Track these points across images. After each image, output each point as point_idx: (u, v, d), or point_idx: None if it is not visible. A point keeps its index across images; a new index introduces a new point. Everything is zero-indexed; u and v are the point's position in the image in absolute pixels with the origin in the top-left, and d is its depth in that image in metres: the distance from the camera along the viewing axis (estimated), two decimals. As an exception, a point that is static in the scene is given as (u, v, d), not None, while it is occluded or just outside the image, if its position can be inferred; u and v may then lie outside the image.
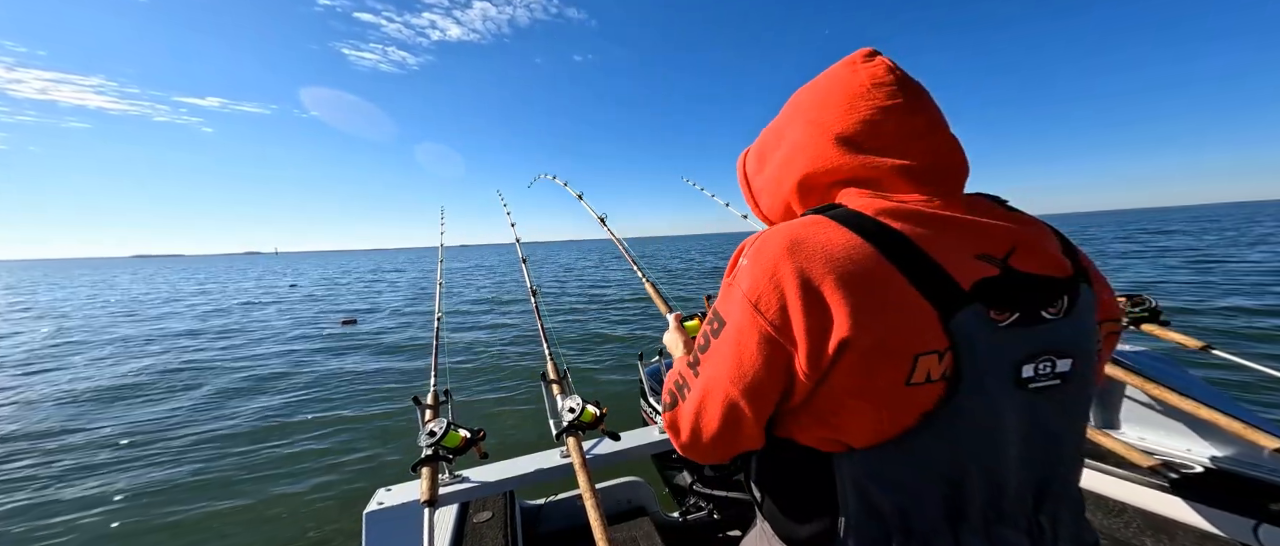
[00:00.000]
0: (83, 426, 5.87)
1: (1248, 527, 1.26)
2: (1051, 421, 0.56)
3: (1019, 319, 0.52)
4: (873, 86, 0.59)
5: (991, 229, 0.55)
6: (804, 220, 0.55)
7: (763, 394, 0.55)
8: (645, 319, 12.17)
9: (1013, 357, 0.52)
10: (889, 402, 0.51)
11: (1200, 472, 1.39)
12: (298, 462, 4.71)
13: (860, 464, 0.55)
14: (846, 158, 0.60)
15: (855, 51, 0.64)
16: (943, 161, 0.59)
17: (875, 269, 0.50)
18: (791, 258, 0.51)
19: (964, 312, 0.50)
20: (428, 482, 1.14)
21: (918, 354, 0.49)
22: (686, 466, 2.11)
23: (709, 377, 0.58)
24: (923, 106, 0.60)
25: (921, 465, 0.54)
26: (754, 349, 0.53)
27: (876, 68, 0.60)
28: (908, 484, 0.54)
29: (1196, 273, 13.08)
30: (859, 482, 0.55)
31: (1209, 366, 4.58)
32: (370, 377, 7.65)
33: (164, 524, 3.78)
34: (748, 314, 0.53)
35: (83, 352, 10.35)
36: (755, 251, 0.55)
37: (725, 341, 0.56)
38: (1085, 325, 0.57)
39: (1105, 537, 1.46)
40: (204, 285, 31.39)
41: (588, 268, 33.56)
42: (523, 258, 2.20)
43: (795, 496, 0.63)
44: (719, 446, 0.61)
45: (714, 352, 0.58)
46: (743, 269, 0.55)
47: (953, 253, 0.52)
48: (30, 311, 18.58)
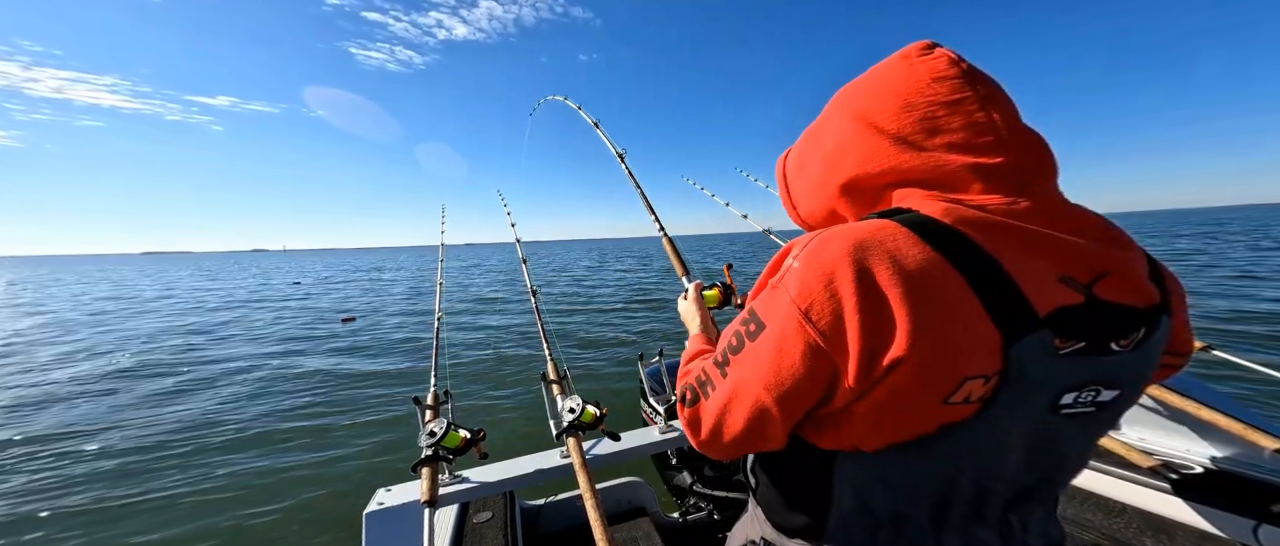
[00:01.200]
0: (82, 425, 5.87)
1: (1248, 528, 1.26)
2: (1066, 442, 0.55)
3: (1083, 348, 0.48)
4: (934, 80, 0.54)
5: (1082, 249, 0.49)
6: (869, 224, 0.50)
7: (797, 403, 0.52)
8: (645, 319, 12.17)
9: (1060, 387, 0.49)
10: (916, 416, 0.49)
11: (1200, 473, 1.39)
12: (298, 462, 4.71)
13: (863, 465, 0.55)
14: (905, 156, 0.54)
15: (910, 44, 0.58)
16: (1025, 160, 0.52)
17: (947, 286, 0.45)
18: (853, 265, 0.46)
19: (1029, 339, 0.46)
20: (428, 483, 1.14)
21: (966, 377, 0.46)
22: (686, 466, 2.11)
23: (740, 380, 0.55)
24: (996, 99, 0.53)
25: (924, 471, 0.53)
26: (796, 358, 0.50)
27: (937, 61, 0.55)
28: (906, 486, 0.54)
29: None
30: (858, 482, 0.56)
31: (1209, 367, 4.58)
32: (370, 377, 7.65)
33: (163, 523, 3.78)
34: (794, 320, 0.49)
35: (81, 349, 10.34)
36: (809, 254, 0.50)
37: (764, 346, 0.52)
38: (1150, 359, 0.53)
39: (1105, 537, 1.46)
40: (208, 284, 31.37)
41: (588, 267, 33.55)
42: (523, 257, 2.20)
43: (791, 487, 0.64)
44: (740, 447, 0.59)
45: (749, 355, 0.54)
46: (793, 272, 0.51)
47: (1035, 273, 0.48)
48: (45, 308, 18.59)
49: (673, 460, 2.12)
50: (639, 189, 1.75)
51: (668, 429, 1.49)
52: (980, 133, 0.52)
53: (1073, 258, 0.49)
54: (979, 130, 0.52)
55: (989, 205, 0.49)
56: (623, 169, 1.83)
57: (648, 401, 1.83)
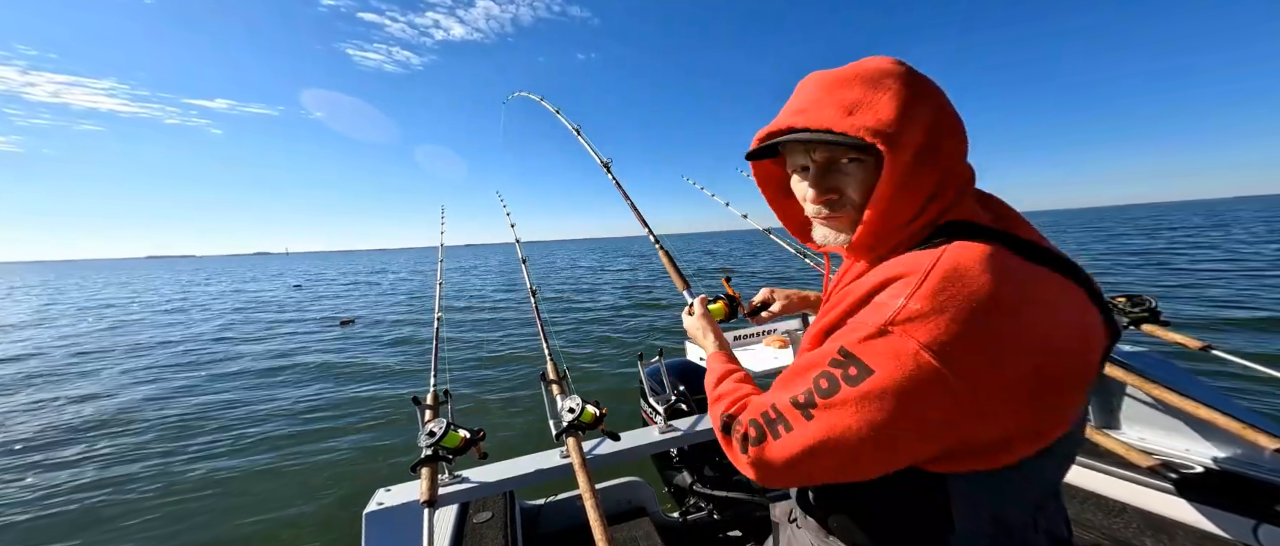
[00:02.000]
0: (80, 425, 5.87)
1: (1248, 527, 1.26)
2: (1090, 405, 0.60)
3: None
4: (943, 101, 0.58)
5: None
6: (983, 252, 0.47)
7: (917, 447, 0.50)
8: (645, 319, 12.17)
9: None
10: (1050, 430, 0.50)
11: (1200, 473, 1.39)
12: (297, 463, 4.71)
13: (990, 482, 0.53)
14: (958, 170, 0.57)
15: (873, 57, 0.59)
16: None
17: (1081, 302, 0.48)
18: (1002, 304, 0.45)
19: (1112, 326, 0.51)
20: (427, 483, 1.14)
21: (1088, 385, 0.50)
22: (686, 466, 2.11)
23: (836, 425, 0.50)
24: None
25: (1039, 477, 0.55)
26: (931, 407, 0.46)
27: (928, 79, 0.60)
28: (1021, 493, 0.55)
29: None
30: (979, 500, 0.54)
31: (1209, 366, 4.58)
32: (369, 378, 7.65)
33: (162, 524, 3.78)
34: (928, 369, 0.45)
35: (96, 358, 10.34)
36: (936, 293, 0.46)
37: (875, 394, 0.47)
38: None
39: (1106, 537, 1.46)
40: (208, 285, 31.37)
41: (588, 268, 33.57)
42: (522, 258, 2.20)
43: (886, 513, 0.60)
44: (813, 483, 0.58)
45: (850, 403, 0.49)
46: (914, 314, 0.46)
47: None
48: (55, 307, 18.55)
49: (674, 460, 2.12)
50: (628, 200, 1.64)
51: (668, 429, 1.49)
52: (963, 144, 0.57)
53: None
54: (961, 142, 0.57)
55: (1014, 216, 0.55)
56: (609, 179, 1.72)
57: (648, 401, 1.83)
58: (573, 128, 1.98)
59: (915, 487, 0.55)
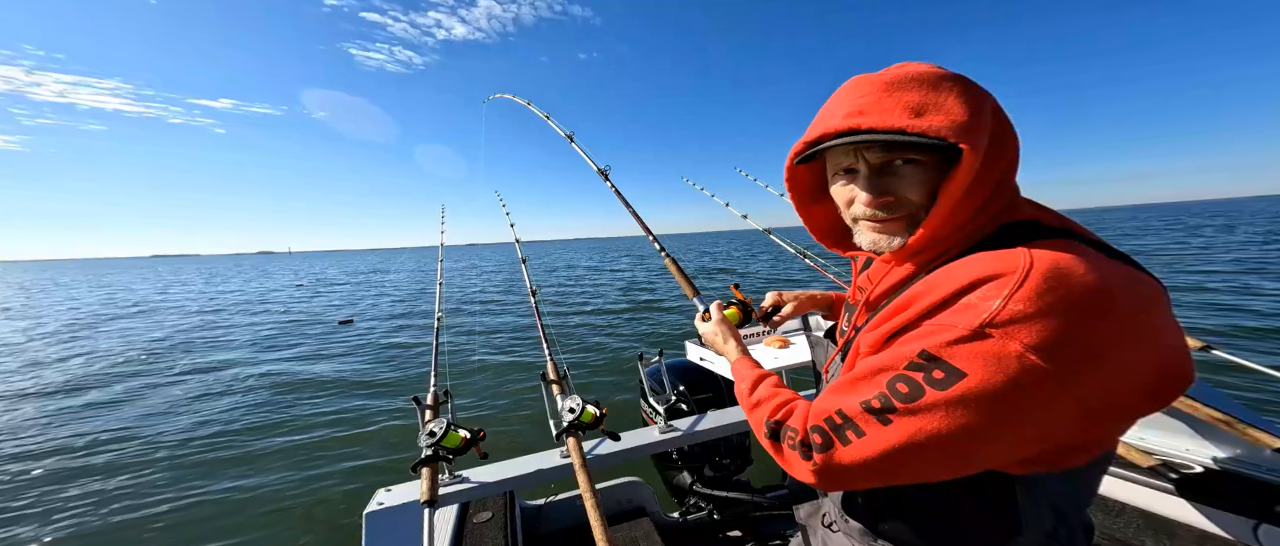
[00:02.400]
0: (80, 425, 5.87)
1: (1248, 527, 1.26)
2: None
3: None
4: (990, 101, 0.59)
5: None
6: (1066, 254, 0.47)
7: (1000, 456, 0.49)
8: (645, 319, 12.17)
9: None
10: (1124, 427, 0.52)
11: (1200, 472, 1.39)
12: (297, 463, 4.71)
13: (1057, 483, 0.53)
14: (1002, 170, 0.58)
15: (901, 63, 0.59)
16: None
17: (1159, 295, 0.48)
18: (1100, 302, 0.44)
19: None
20: (428, 483, 1.14)
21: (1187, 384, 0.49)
22: (686, 466, 2.11)
23: (924, 432, 0.48)
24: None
25: (1098, 477, 0.57)
26: (1024, 408, 0.45)
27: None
28: (1083, 488, 0.57)
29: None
30: (1053, 500, 0.54)
31: (1209, 366, 4.58)
32: (370, 378, 7.65)
33: (161, 524, 3.79)
34: (1035, 370, 0.44)
35: (83, 352, 10.36)
36: (1038, 296, 0.45)
37: (968, 398, 0.46)
38: None
39: (1105, 537, 1.46)
40: (212, 288, 31.39)
41: (588, 268, 33.58)
42: (522, 258, 2.21)
43: (948, 516, 0.59)
44: (883, 485, 0.56)
45: (940, 406, 0.47)
46: (1015, 314, 0.45)
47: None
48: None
49: (675, 459, 2.12)
50: (629, 208, 1.56)
51: (668, 429, 1.49)
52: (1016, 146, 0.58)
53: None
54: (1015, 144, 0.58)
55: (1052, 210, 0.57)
56: (608, 185, 1.63)
57: (648, 401, 1.83)
58: (566, 135, 1.87)
59: (985, 489, 0.54)
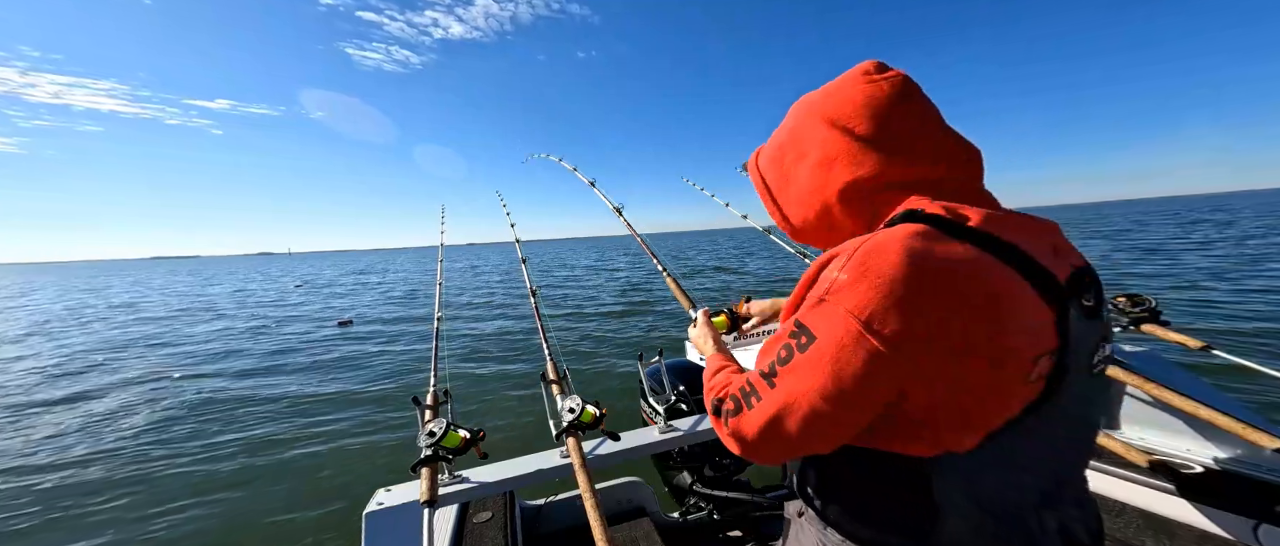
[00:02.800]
0: (78, 425, 5.87)
1: (1248, 527, 1.26)
2: (1097, 401, 0.62)
3: (1090, 308, 0.56)
4: (901, 97, 0.62)
5: (1045, 226, 0.59)
6: (907, 229, 0.52)
7: (859, 410, 0.54)
8: (646, 319, 12.17)
9: (1091, 346, 0.56)
10: (1000, 405, 0.52)
11: (1200, 472, 1.39)
12: (297, 463, 4.72)
13: (966, 465, 0.55)
14: (891, 164, 0.61)
15: (863, 63, 0.65)
16: (977, 165, 0.62)
17: (1000, 278, 0.50)
18: (912, 272, 0.49)
19: (1071, 310, 0.52)
20: (427, 483, 1.13)
21: (1038, 356, 0.50)
22: (686, 467, 2.11)
23: (793, 391, 0.55)
24: (939, 115, 0.63)
25: (1021, 457, 0.56)
26: (858, 366, 0.50)
27: (896, 79, 0.63)
28: (1012, 477, 0.57)
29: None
30: (965, 483, 0.56)
31: (1209, 366, 4.58)
32: (369, 378, 7.66)
33: (161, 525, 3.78)
34: (852, 330, 0.50)
35: (84, 358, 10.35)
36: (859, 265, 0.51)
37: (818, 357, 0.53)
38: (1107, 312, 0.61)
39: (1106, 537, 1.46)
40: (209, 286, 31.37)
41: (588, 268, 33.56)
42: (522, 258, 2.20)
43: (878, 501, 0.62)
44: (787, 454, 0.60)
45: (801, 367, 0.55)
46: (843, 284, 0.52)
47: (1041, 252, 0.54)
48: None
49: (674, 460, 2.12)
50: (639, 238, 1.89)
51: (668, 429, 1.49)
52: (946, 142, 0.61)
53: (1046, 234, 0.58)
54: (944, 140, 0.61)
55: (985, 205, 0.56)
56: (622, 221, 1.97)
57: (648, 401, 1.83)
58: (588, 181, 2.19)
59: (900, 473, 0.58)
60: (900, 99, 0.62)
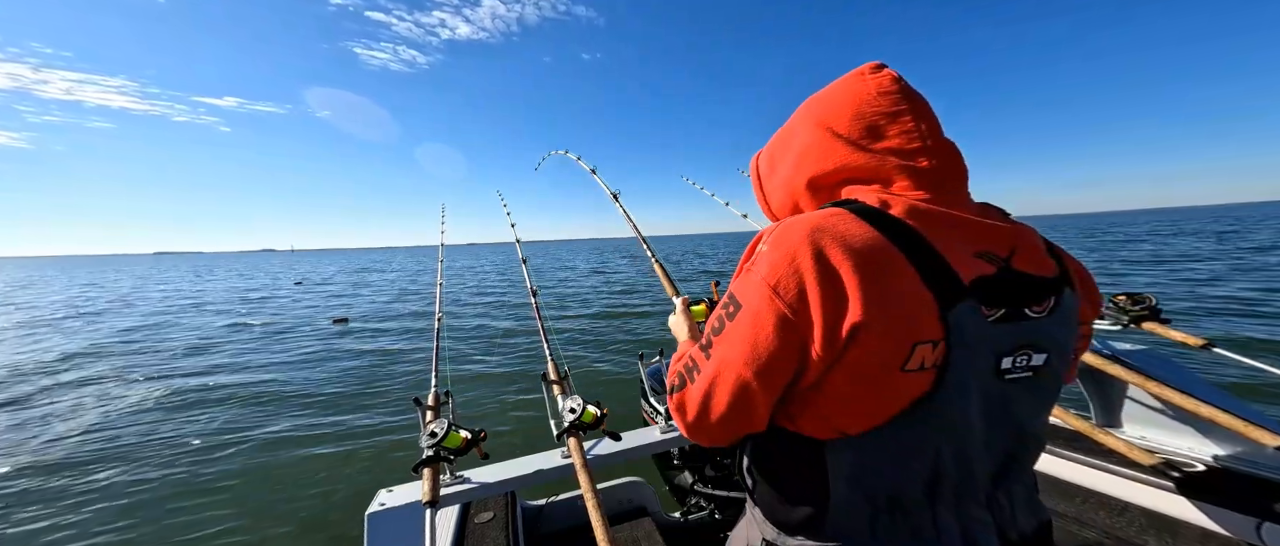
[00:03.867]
0: (74, 425, 5.87)
1: (1250, 525, 1.26)
2: (1019, 410, 0.61)
3: (1005, 314, 0.57)
4: (879, 94, 0.64)
5: (995, 230, 0.60)
6: (823, 212, 0.58)
7: (774, 375, 0.57)
8: (644, 318, 12.17)
9: (996, 350, 0.57)
10: (884, 389, 0.55)
11: (1202, 471, 1.39)
12: (299, 463, 4.72)
13: (853, 449, 0.59)
14: (855, 157, 0.64)
15: (864, 64, 0.69)
16: (945, 165, 0.63)
17: (887, 258, 0.53)
18: (811, 245, 0.53)
19: (960, 306, 0.54)
20: (429, 483, 1.14)
21: (916, 342, 0.52)
22: (688, 466, 2.11)
23: (721, 359, 0.60)
24: (925, 114, 0.65)
25: (908, 449, 0.58)
26: (770, 330, 0.55)
27: (883, 78, 0.65)
28: (895, 467, 0.58)
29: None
30: (850, 467, 0.59)
31: (1210, 364, 4.58)
32: (371, 378, 7.65)
33: (161, 526, 3.79)
34: (765, 297, 0.55)
35: (77, 353, 10.36)
36: (775, 239, 0.57)
37: (740, 324, 0.58)
38: (1067, 324, 0.62)
39: (1108, 536, 1.46)
40: (210, 283, 31.39)
41: (589, 267, 33.55)
42: (523, 258, 2.21)
43: (787, 481, 0.66)
44: (725, 427, 0.62)
45: (728, 335, 0.59)
46: (762, 254, 0.57)
47: (956, 249, 0.56)
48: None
49: (675, 460, 2.12)
50: (632, 223, 1.92)
51: (669, 429, 1.49)
52: (913, 140, 0.62)
53: (987, 237, 0.59)
54: (911, 138, 0.62)
55: (918, 199, 0.59)
56: (618, 209, 2.01)
57: (648, 401, 1.83)
58: (589, 168, 2.25)
59: (804, 453, 0.62)
60: (880, 98, 0.64)
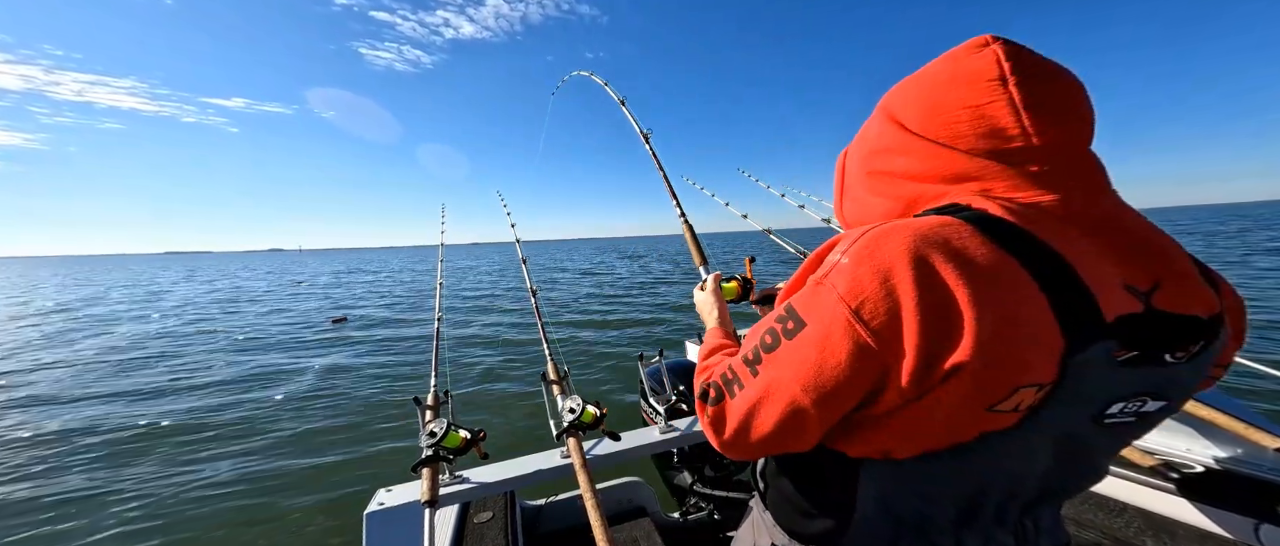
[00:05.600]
0: (71, 426, 5.87)
1: (1249, 527, 1.26)
2: (1099, 452, 0.55)
3: (1136, 357, 0.46)
4: (986, 82, 0.50)
5: (1140, 252, 0.48)
6: (930, 220, 0.47)
7: (837, 406, 0.49)
8: (644, 318, 12.17)
9: (1110, 397, 0.48)
10: (960, 424, 0.47)
11: (1201, 472, 1.39)
12: (298, 463, 4.71)
13: (892, 474, 0.53)
14: (952, 156, 0.53)
15: (969, 40, 0.55)
16: (1081, 159, 0.50)
17: (1017, 288, 0.42)
18: (914, 262, 0.43)
19: (1093, 348, 0.43)
20: (428, 483, 1.14)
21: (1021, 386, 0.43)
22: (687, 467, 2.11)
23: (774, 380, 0.51)
24: (1055, 95, 0.50)
25: (955, 477, 0.52)
26: (842, 359, 0.46)
27: (985, 60, 0.51)
28: (934, 493, 0.53)
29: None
30: (885, 490, 0.54)
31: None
32: (370, 378, 7.65)
33: (160, 526, 3.79)
34: (842, 319, 0.46)
35: (74, 351, 10.36)
36: (862, 249, 0.47)
37: (802, 345, 0.49)
38: (1202, 371, 0.51)
39: (1106, 537, 1.45)
40: (210, 282, 31.39)
41: (590, 268, 33.56)
42: (523, 258, 2.21)
43: (810, 493, 0.62)
44: (766, 448, 0.55)
45: (784, 355, 0.51)
46: (841, 268, 0.48)
47: (1104, 277, 0.45)
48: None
49: (675, 459, 2.12)
50: (662, 172, 1.59)
51: (668, 429, 1.49)
52: (1039, 132, 0.49)
53: (1134, 260, 0.47)
54: (1036, 129, 0.49)
55: (1047, 204, 0.48)
56: (647, 150, 1.70)
57: (648, 401, 1.83)
58: (618, 99, 1.94)
59: (833, 467, 0.57)
60: (991, 84, 0.50)
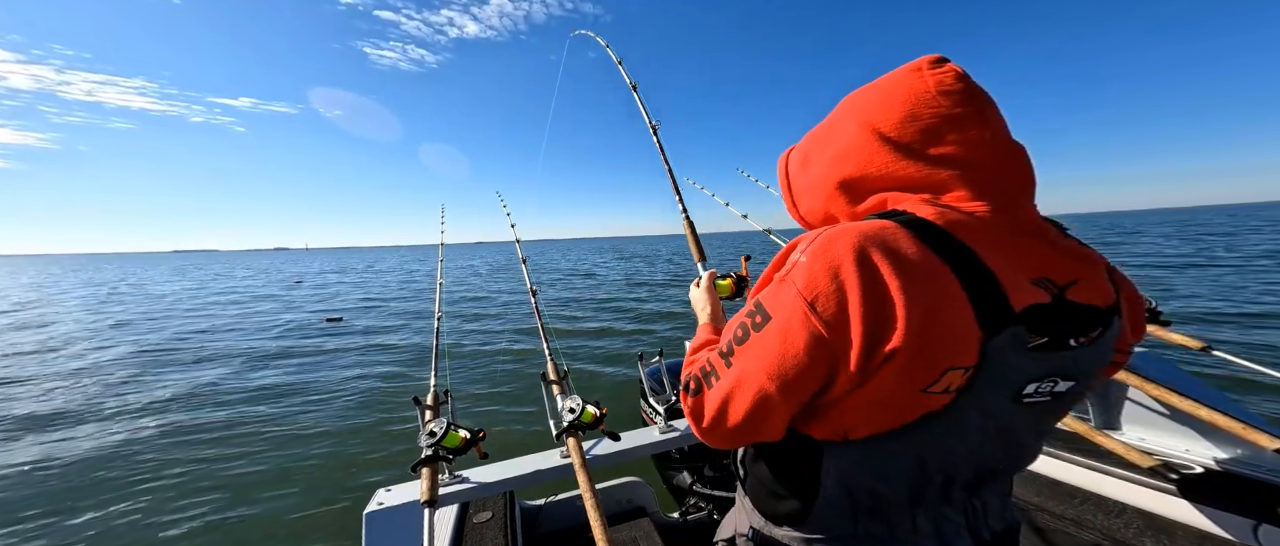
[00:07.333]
0: (69, 425, 5.87)
1: (1248, 528, 1.26)
2: (1023, 430, 0.60)
3: (1046, 342, 0.54)
4: (939, 93, 0.57)
5: (1058, 256, 0.57)
6: (872, 223, 0.53)
7: (798, 392, 0.55)
8: (644, 318, 12.17)
9: (1025, 377, 0.54)
10: (900, 404, 0.53)
11: (1200, 473, 1.39)
12: (298, 462, 4.71)
13: (850, 454, 0.59)
14: (904, 163, 0.59)
15: (922, 57, 0.61)
16: (1010, 174, 0.57)
17: (941, 282, 0.49)
18: (858, 260, 0.49)
19: (1004, 335, 0.50)
20: (428, 483, 1.14)
21: (948, 368, 0.50)
22: (686, 466, 2.11)
23: (744, 370, 0.57)
24: (991, 116, 0.58)
25: (902, 456, 0.58)
26: (800, 347, 0.52)
27: (944, 75, 0.58)
28: (885, 472, 0.59)
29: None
30: (843, 469, 0.60)
31: (1209, 367, 4.58)
32: (369, 377, 7.65)
33: (160, 527, 3.78)
34: (799, 311, 0.52)
35: (71, 349, 10.35)
36: (816, 249, 0.52)
37: (767, 336, 0.55)
38: (1103, 354, 0.59)
39: (1106, 537, 1.46)
40: (216, 280, 31.38)
41: (589, 267, 33.55)
42: (523, 257, 2.21)
43: (780, 475, 0.67)
44: (741, 435, 0.60)
45: (753, 347, 0.56)
46: (798, 265, 0.53)
47: (1013, 272, 0.53)
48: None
49: (675, 459, 2.12)
50: (667, 164, 1.59)
51: (668, 429, 1.49)
52: (974, 147, 0.56)
53: (1049, 262, 0.56)
54: (973, 145, 0.56)
55: (976, 212, 0.55)
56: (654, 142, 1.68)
57: (648, 401, 1.83)
58: (631, 84, 1.93)
59: (802, 450, 0.62)
60: (940, 97, 0.57)
